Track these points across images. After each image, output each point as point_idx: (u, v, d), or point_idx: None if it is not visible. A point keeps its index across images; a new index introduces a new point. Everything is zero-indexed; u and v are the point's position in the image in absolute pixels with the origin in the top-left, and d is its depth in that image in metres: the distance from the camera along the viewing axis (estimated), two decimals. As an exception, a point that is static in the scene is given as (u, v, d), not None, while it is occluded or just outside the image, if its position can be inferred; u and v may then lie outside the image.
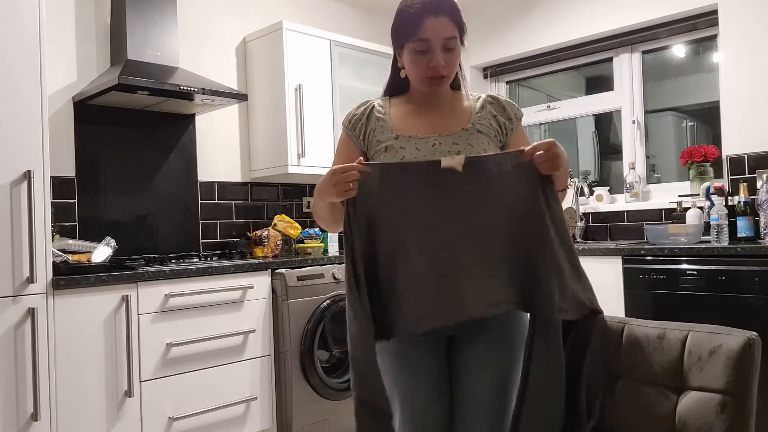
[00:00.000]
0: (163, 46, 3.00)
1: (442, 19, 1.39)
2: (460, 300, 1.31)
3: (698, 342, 1.40)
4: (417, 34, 1.39)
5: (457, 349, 1.46)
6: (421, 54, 1.41)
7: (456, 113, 1.51)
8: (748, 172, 3.05)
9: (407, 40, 1.42)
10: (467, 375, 1.44)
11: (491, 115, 1.52)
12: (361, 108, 1.53)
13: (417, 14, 1.39)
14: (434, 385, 1.44)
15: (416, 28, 1.39)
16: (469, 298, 1.31)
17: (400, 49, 1.46)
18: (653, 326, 1.51)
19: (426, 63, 1.41)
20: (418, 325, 1.32)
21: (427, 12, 1.39)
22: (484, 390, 1.42)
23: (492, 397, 1.42)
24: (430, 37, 1.39)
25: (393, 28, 1.47)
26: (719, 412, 1.32)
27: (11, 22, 2.19)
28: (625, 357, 1.51)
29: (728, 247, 2.63)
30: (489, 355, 1.43)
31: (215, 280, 2.68)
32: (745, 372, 1.32)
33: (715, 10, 3.18)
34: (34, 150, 2.22)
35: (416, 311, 1.31)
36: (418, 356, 1.43)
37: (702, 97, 3.55)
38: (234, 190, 3.52)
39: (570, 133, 4.21)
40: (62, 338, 2.25)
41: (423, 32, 1.39)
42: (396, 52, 1.50)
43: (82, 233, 2.88)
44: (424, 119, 1.48)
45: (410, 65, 1.44)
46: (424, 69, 1.42)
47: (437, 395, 1.45)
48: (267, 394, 2.84)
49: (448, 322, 1.33)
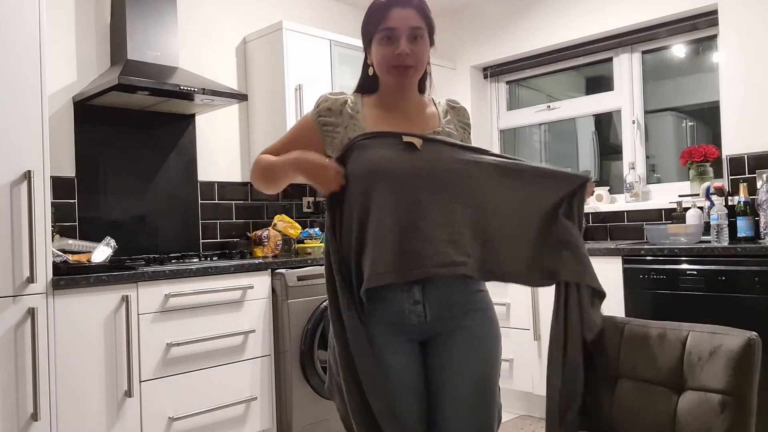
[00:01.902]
0: (163, 46, 3.00)
1: (408, 11, 1.43)
2: (419, 260, 1.35)
3: (698, 342, 1.40)
4: (383, 23, 1.43)
5: (434, 352, 1.44)
6: (388, 41, 1.44)
7: (425, 118, 1.53)
8: (748, 172, 3.05)
9: (374, 30, 1.45)
10: (445, 377, 1.42)
11: (456, 120, 1.57)
12: (339, 100, 1.53)
13: (384, 6, 1.44)
14: (410, 388, 1.42)
15: (382, 18, 1.43)
16: (426, 258, 1.35)
17: (369, 44, 1.49)
18: (653, 326, 1.51)
19: (392, 51, 1.44)
20: (376, 279, 1.35)
21: (394, 3, 1.43)
22: (463, 391, 1.40)
23: (471, 397, 1.41)
24: (395, 25, 1.42)
25: (362, 24, 1.50)
26: (719, 413, 1.32)
27: (11, 22, 2.19)
28: (626, 357, 1.51)
29: (728, 247, 2.63)
30: (466, 356, 1.42)
31: (215, 280, 2.68)
32: (745, 372, 1.32)
33: (715, 10, 3.18)
34: (34, 150, 2.22)
35: (376, 267, 1.35)
36: (392, 359, 1.40)
37: (702, 97, 3.55)
38: (234, 190, 3.52)
39: (570, 133, 4.21)
40: (62, 338, 2.25)
41: (388, 21, 1.43)
42: (365, 49, 1.52)
43: (82, 233, 2.88)
44: (394, 124, 1.48)
45: (377, 55, 1.46)
46: (389, 57, 1.44)
47: (415, 398, 1.42)
48: (267, 394, 2.84)
49: (404, 279, 1.36)
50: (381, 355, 1.39)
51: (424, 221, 1.35)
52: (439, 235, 1.36)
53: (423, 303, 1.40)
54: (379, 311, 1.41)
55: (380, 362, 1.38)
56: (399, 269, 1.34)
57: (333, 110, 1.50)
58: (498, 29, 4.09)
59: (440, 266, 1.35)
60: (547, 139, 4.33)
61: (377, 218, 1.36)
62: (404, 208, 1.36)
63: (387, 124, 1.48)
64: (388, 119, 1.50)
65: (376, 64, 1.48)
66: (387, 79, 1.49)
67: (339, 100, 1.52)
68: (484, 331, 1.45)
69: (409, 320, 1.41)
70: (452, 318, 1.42)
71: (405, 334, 1.43)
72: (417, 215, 1.36)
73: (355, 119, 1.49)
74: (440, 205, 1.37)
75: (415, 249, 1.35)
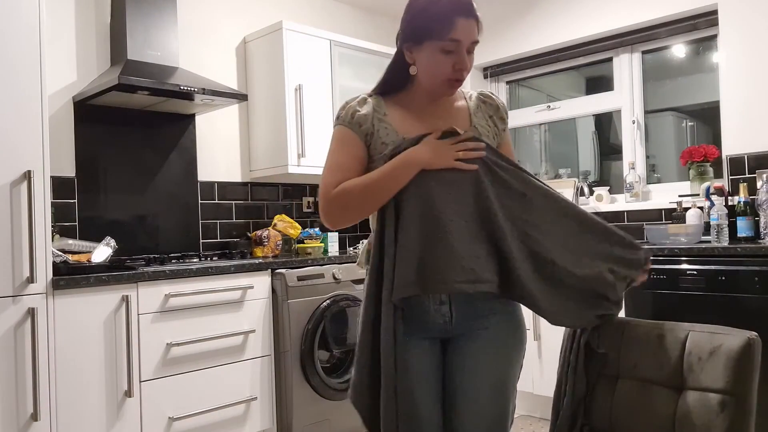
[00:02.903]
0: (163, 46, 2.99)
1: (471, 22, 1.36)
2: (443, 273, 1.31)
3: (698, 342, 1.40)
4: (449, 34, 1.34)
5: (454, 351, 1.44)
6: (447, 54, 1.37)
7: (455, 114, 1.49)
8: (748, 172, 3.05)
9: (434, 38, 1.36)
10: (461, 375, 1.42)
11: (487, 115, 1.51)
12: (362, 105, 1.46)
13: (449, 13, 1.34)
14: (429, 386, 1.42)
15: (449, 28, 1.34)
16: (451, 272, 1.31)
17: (418, 46, 1.39)
18: (653, 326, 1.51)
19: (451, 64, 1.37)
20: (405, 290, 1.32)
21: (460, 12, 1.35)
22: (479, 391, 1.40)
23: (487, 398, 1.40)
24: (461, 38, 1.35)
25: (416, 23, 1.39)
26: (719, 412, 1.32)
27: (11, 22, 2.19)
28: (626, 357, 1.51)
29: (728, 247, 2.63)
30: (484, 355, 1.41)
31: (215, 280, 2.68)
32: (745, 372, 1.32)
33: (715, 10, 3.18)
34: (34, 150, 2.22)
35: (404, 277, 1.32)
36: (412, 357, 1.40)
37: (702, 97, 3.55)
38: (234, 190, 3.52)
39: (570, 133, 4.21)
40: (62, 338, 2.25)
41: (455, 32, 1.34)
42: (407, 47, 1.42)
43: (82, 233, 2.88)
44: (427, 121, 1.45)
45: (432, 64, 1.38)
46: (448, 70, 1.38)
47: (433, 396, 1.43)
48: (267, 394, 2.84)
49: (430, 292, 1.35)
50: (403, 352, 1.38)
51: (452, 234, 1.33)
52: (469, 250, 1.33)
53: (450, 303, 1.40)
54: (405, 309, 1.39)
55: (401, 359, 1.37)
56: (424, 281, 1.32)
57: (367, 115, 1.43)
58: (498, 29, 4.09)
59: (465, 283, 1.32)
60: (547, 139, 4.33)
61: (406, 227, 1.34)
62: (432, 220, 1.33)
63: (417, 122, 1.44)
64: (419, 115, 1.46)
65: (426, 70, 1.40)
66: (434, 88, 1.43)
67: (363, 110, 1.45)
68: (507, 333, 1.44)
69: (435, 320, 1.41)
70: (477, 319, 1.42)
71: (428, 332, 1.43)
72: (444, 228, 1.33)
73: (384, 122, 1.43)
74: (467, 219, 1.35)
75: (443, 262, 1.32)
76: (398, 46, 1.45)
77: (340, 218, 1.42)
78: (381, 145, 1.42)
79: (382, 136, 1.42)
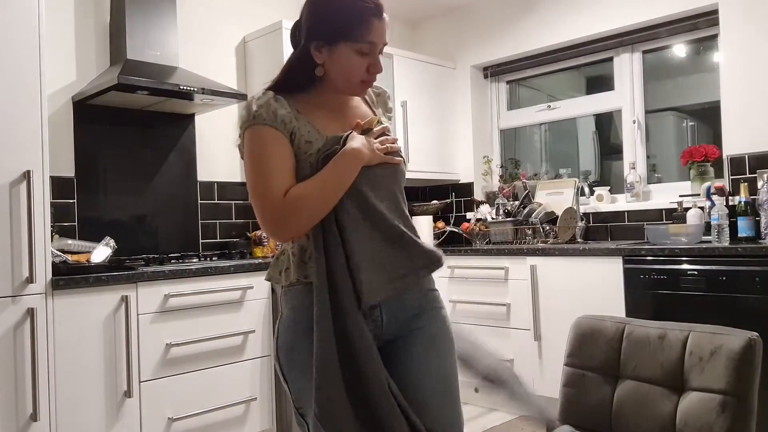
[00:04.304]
0: (163, 46, 2.99)
1: (383, 23, 1.34)
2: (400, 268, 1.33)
3: (699, 342, 1.40)
4: (365, 36, 1.31)
5: (393, 358, 1.36)
6: (363, 56, 1.33)
7: (363, 109, 1.49)
8: (748, 172, 3.04)
9: (350, 39, 1.31)
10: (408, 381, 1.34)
11: (383, 107, 1.55)
12: (278, 103, 1.34)
13: (364, 13, 1.31)
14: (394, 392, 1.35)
15: (365, 29, 1.31)
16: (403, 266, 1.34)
17: (331, 46, 1.33)
18: (654, 326, 1.51)
19: (366, 66, 1.35)
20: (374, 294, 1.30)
21: (375, 13, 1.32)
22: (429, 395, 1.35)
23: (439, 401, 1.35)
24: (377, 40, 1.33)
25: (330, 23, 1.33)
26: (720, 413, 1.31)
27: (11, 22, 2.19)
28: (626, 357, 1.51)
29: (729, 247, 2.63)
30: (425, 356, 1.36)
31: (215, 281, 2.68)
32: (745, 372, 1.32)
33: (716, 10, 3.18)
34: (33, 150, 2.22)
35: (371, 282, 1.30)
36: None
37: (702, 97, 3.55)
38: (234, 190, 3.52)
39: (570, 133, 4.21)
40: (62, 338, 2.24)
41: (370, 33, 1.31)
42: (316, 46, 1.34)
43: (81, 233, 2.88)
44: (341, 119, 1.42)
45: (346, 65, 1.34)
46: (362, 71, 1.35)
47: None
48: (267, 394, 2.83)
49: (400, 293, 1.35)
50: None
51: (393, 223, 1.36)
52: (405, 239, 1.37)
53: (379, 306, 1.34)
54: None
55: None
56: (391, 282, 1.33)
57: (289, 114, 1.34)
58: (498, 29, 4.08)
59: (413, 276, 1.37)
60: (548, 138, 4.33)
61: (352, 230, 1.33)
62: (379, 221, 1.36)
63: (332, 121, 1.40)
64: (332, 113, 1.42)
65: (341, 71, 1.35)
66: (346, 88, 1.39)
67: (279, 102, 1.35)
68: (440, 330, 1.41)
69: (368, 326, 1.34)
70: (407, 320, 1.38)
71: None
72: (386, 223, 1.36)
73: (301, 121, 1.36)
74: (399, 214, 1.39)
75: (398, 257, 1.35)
76: (302, 44, 1.37)
77: (296, 225, 1.30)
78: (305, 144, 1.34)
79: (305, 135, 1.34)
